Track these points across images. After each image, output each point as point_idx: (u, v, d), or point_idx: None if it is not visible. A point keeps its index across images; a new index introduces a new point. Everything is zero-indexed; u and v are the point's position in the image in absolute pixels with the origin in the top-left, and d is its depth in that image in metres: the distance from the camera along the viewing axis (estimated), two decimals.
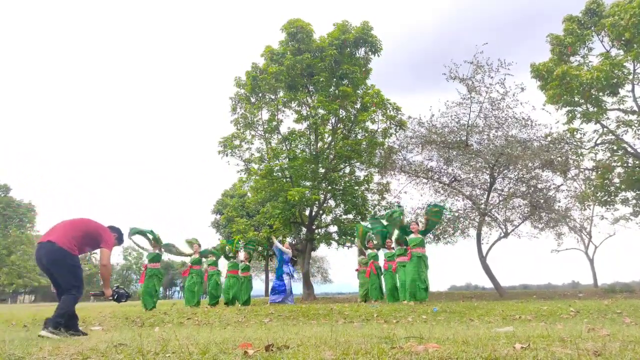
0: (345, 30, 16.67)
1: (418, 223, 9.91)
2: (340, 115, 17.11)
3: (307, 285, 17.51)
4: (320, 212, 18.34)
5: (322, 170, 17.30)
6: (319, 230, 18.50)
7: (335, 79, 16.82)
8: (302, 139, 17.97)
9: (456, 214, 14.82)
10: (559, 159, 13.64)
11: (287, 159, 17.14)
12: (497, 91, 13.92)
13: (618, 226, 22.59)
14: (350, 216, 17.89)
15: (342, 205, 18.01)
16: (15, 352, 2.77)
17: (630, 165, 17.40)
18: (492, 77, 13.85)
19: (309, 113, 17.34)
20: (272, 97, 17.31)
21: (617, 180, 18.19)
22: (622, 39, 14.94)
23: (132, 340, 3.37)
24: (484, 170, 14.41)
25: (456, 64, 14.13)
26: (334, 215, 18.53)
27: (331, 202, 18.58)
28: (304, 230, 18.42)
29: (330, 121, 17.64)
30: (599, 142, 17.57)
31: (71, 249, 4.17)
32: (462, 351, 2.37)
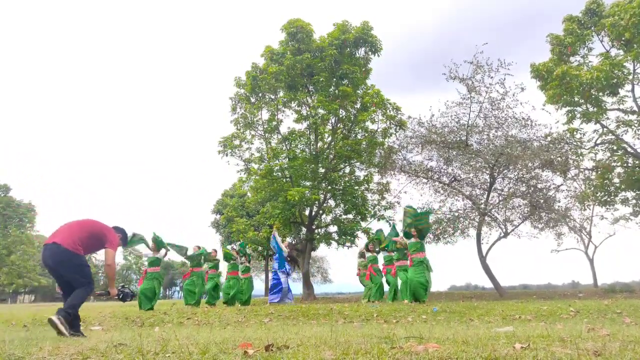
0: (345, 30, 16.67)
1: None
2: (340, 115, 17.10)
3: (307, 285, 17.51)
4: (320, 212, 18.34)
5: (322, 170, 17.30)
6: (319, 230, 18.49)
7: (335, 79, 16.81)
8: (302, 138, 17.96)
9: (456, 214, 14.82)
10: (559, 159, 13.64)
11: (287, 159, 17.14)
12: (497, 91, 13.94)
13: (618, 226, 22.59)
14: (350, 216, 17.89)
15: (342, 205, 18.01)
16: (15, 352, 2.77)
17: (630, 165, 17.40)
18: (492, 77, 13.86)
19: (308, 113, 17.33)
20: (272, 97, 17.30)
21: (616, 180, 18.20)
22: (622, 39, 14.94)
23: (132, 340, 3.37)
24: (484, 170, 14.42)
25: (456, 64, 14.15)
26: (333, 215, 18.53)
27: (331, 202, 18.58)
28: (304, 230, 18.42)
29: (330, 121, 17.63)
30: (598, 142, 17.57)
31: (76, 249, 4.20)
32: (462, 351, 2.37)
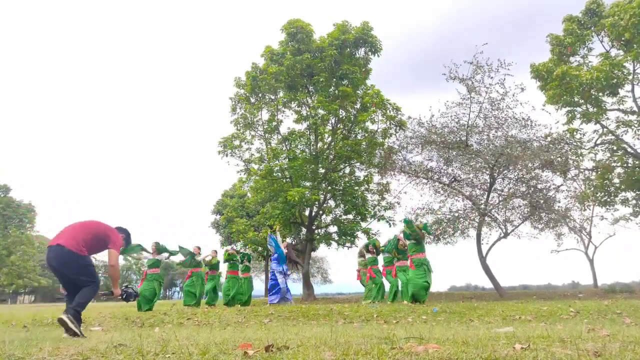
0: (345, 30, 16.67)
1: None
2: (340, 116, 17.10)
3: (307, 285, 17.50)
4: (320, 212, 18.33)
5: (322, 170, 17.29)
6: (319, 230, 18.49)
7: (335, 79, 16.81)
8: (302, 139, 17.96)
9: (456, 214, 14.82)
10: (559, 159, 13.64)
11: (287, 159, 17.13)
12: (497, 91, 13.94)
13: (618, 226, 22.56)
14: (350, 216, 17.89)
15: (342, 205, 18.01)
16: (15, 352, 2.77)
17: (630, 165, 17.40)
18: (492, 78, 13.86)
19: (308, 113, 17.33)
20: (272, 97, 17.30)
21: (616, 181, 18.20)
22: (622, 39, 14.94)
23: (132, 341, 3.37)
24: (484, 170, 14.41)
25: (456, 64, 14.13)
26: (333, 215, 18.53)
27: (331, 203, 18.58)
28: (304, 230, 18.42)
29: (330, 121, 17.63)
30: (598, 142, 17.58)
31: (80, 250, 4.24)
32: (462, 352, 2.37)
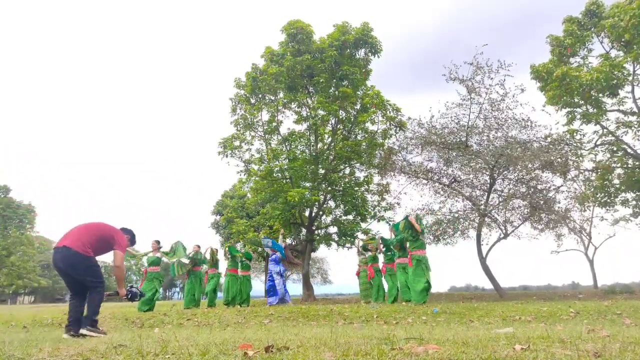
0: (345, 31, 16.68)
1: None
2: (340, 116, 17.10)
3: (307, 286, 17.49)
4: (320, 213, 18.34)
5: (322, 171, 17.29)
6: (319, 231, 18.49)
7: (335, 80, 16.82)
8: (302, 139, 17.97)
9: (456, 215, 14.81)
10: (559, 160, 13.62)
11: (287, 160, 17.13)
12: (497, 92, 13.90)
13: (618, 227, 22.60)
14: (350, 217, 17.89)
15: (342, 206, 18.01)
16: (14, 353, 2.77)
17: (630, 166, 17.41)
18: (491, 78, 13.82)
19: (308, 114, 17.33)
20: (272, 98, 17.30)
21: (616, 182, 18.20)
22: (622, 40, 14.95)
23: (132, 342, 3.37)
24: (484, 171, 14.40)
25: (456, 65, 14.08)
26: (333, 216, 18.54)
27: (331, 203, 18.58)
28: (304, 231, 18.42)
29: (330, 122, 17.63)
30: (598, 143, 17.58)
31: (86, 252, 4.32)
32: (462, 352, 2.37)
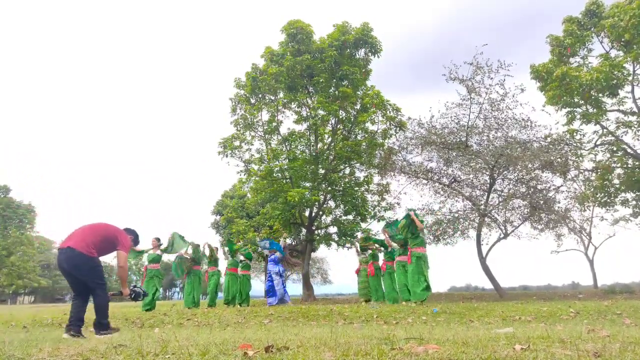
0: (345, 31, 16.68)
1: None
2: (340, 116, 17.10)
3: (307, 286, 17.50)
4: (320, 213, 18.33)
5: (322, 171, 17.29)
6: (319, 231, 18.49)
7: (335, 80, 16.82)
8: (302, 139, 17.96)
9: (456, 215, 14.81)
10: (559, 160, 13.63)
11: (287, 160, 17.13)
12: (497, 92, 13.91)
13: (618, 227, 22.59)
14: (350, 217, 17.88)
15: (342, 206, 18.01)
16: (14, 353, 2.77)
17: (630, 166, 17.40)
18: (491, 78, 13.83)
19: (308, 114, 17.33)
20: (272, 98, 17.30)
21: (616, 181, 18.20)
22: (622, 40, 14.95)
23: (132, 341, 3.37)
24: (484, 171, 14.40)
25: (456, 65, 14.09)
26: (333, 216, 18.53)
27: (331, 203, 18.58)
28: (304, 231, 18.42)
29: (330, 122, 17.63)
30: (598, 143, 17.58)
31: (90, 252, 4.40)
32: (462, 352, 2.37)
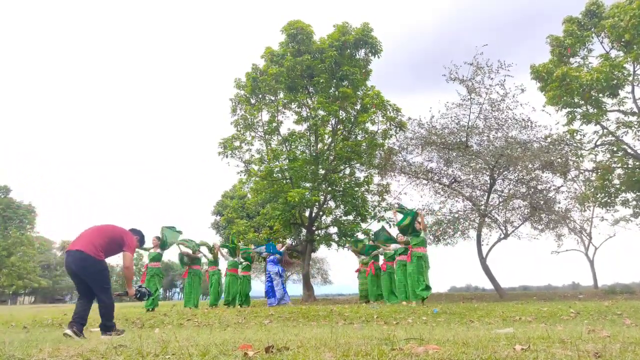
0: (345, 31, 16.68)
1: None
2: (340, 117, 17.10)
3: (307, 286, 17.49)
4: (320, 213, 18.33)
5: (322, 171, 17.29)
6: (319, 231, 18.48)
7: (335, 80, 16.81)
8: (302, 140, 17.96)
9: (456, 215, 14.81)
10: (559, 160, 13.62)
11: (287, 160, 17.13)
12: (497, 92, 13.91)
13: (618, 227, 22.57)
14: (350, 217, 17.87)
15: (342, 206, 17.99)
16: (15, 353, 2.77)
17: (630, 166, 17.39)
18: (492, 79, 13.82)
19: (309, 114, 17.33)
20: (272, 98, 17.30)
21: (617, 182, 18.19)
22: (622, 40, 14.95)
23: (132, 342, 3.37)
24: (484, 171, 14.39)
25: (456, 65, 14.08)
26: (334, 216, 18.52)
27: (331, 204, 18.57)
28: (304, 231, 18.40)
29: (330, 122, 17.63)
30: (599, 143, 17.57)
31: (98, 255, 4.52)
32: (462, 352, 2.37)
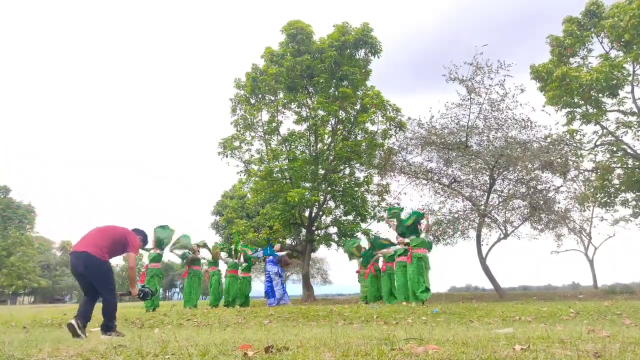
0: (345, 31, 16.68)
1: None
2: (340, 117, 17.10)
3: (307, 286, 17.49)
4: (320, 213, 18.33)
5: (321, 171, 17.29)
6: (319, 231, 18.48)
7: (335, 80, 16.82)
8: (301, 140, 17.96)
9: (456, 215, 14.81)
10: (559, 160, 13.63)
11: (286, 160, 17.14)
12: (497, 92, 13.93)
13: (618, 227, 22.57)
14: (350, 217, 17.88)
15: (341, 206, 18.01)
16: (14, 353, 2.77)
17: (629, 166, 17.40)
18: (491, 79, 13.84)
19: (308, 114, 17.34)
20: (272, 98, 17.31)
21: (616, 182, 18.19)
22: (622, 40, 14.95)
23: (132, 342, 3.36)
24: (484, 171, 14.40)
25: (456, 66, 14.09)
26: (333, 216, 18.53)
27: (331, 203, 18.58)
28: (304, 231, 18.41)
29: (330, 122, 17.64)
30: (598, 143, 17.57)
31: (102, 256, 4.59)
32: (462, 352, 2.37)
